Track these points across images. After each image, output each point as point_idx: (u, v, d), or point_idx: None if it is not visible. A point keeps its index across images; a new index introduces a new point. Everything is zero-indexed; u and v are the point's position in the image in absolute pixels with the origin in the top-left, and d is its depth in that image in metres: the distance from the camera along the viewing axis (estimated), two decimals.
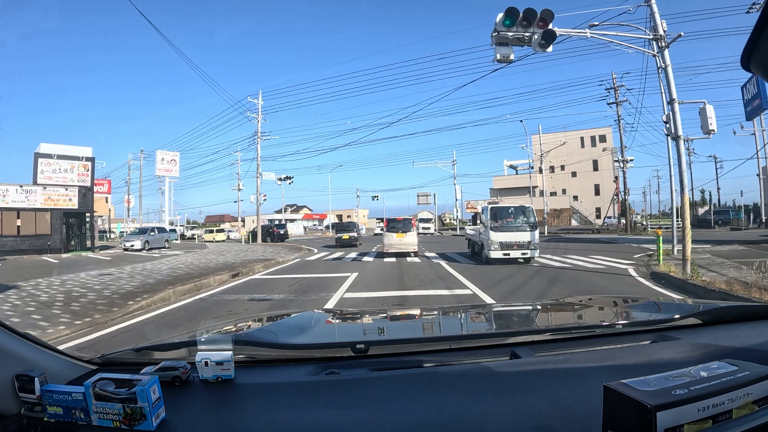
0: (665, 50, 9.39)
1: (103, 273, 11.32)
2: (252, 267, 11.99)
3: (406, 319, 2.00)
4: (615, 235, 28.54)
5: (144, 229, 26.77)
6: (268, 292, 8.07)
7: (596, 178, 55.20)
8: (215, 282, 9.43)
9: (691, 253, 8.92)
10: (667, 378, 0.67)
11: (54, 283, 9.36)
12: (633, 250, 15.24)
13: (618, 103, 31.69)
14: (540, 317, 1.92)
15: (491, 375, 0.98)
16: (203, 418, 0.86)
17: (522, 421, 0.77)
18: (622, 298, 3.11)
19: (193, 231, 50.83)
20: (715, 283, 7.38)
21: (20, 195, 21.65)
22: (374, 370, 1.05)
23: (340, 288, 8.26)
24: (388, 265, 12.40)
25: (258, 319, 1.87)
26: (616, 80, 32.06)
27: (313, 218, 76.29)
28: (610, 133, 55.86)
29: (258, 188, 30.65)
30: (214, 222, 70.44)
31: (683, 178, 9.02)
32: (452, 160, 42.41)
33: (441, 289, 7.96)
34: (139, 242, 23.20)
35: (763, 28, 0.56)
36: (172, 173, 37.80)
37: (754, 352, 1.01)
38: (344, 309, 4.71)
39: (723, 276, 8.13)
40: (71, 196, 22.90)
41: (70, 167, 23.09)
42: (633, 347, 1.14)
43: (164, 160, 37.49)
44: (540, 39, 7.80)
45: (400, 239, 15.83)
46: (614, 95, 31.76)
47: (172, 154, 37.79)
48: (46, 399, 0.82)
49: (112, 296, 7.41)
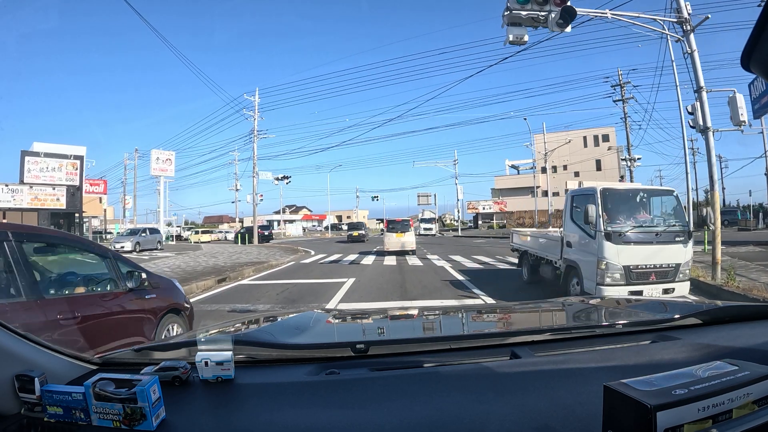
0: (690, 34, 8.58)
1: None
2: (242, 271, 11.19)
3: (406, 319, 2.00)
4: None
5: (135, 230, 25.98)
6: (254, 302, 7.48)
7: (599, 178, 54.50)
8: (198, 288, 8.65)
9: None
10: (667, 378, 0.66)
11: None
12: None
13: (624, 101, 30.86)
14: (540, 317, 1.93)
15: (491, 375, 0.97)
16: (203, 418, 0.86)
17: (522, 422, 0.77)
18: (622, 298, 3.00)
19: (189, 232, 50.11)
20: (753, 290, 6.55)
21: (6, 194, 20.77)
22: (374, 370, 1.04)
23: (334, 297, 7.75)
24: (388, 270, 11.57)
25: (258, 320, 1.86)
26: (623, 77, 31.24)
27: (312, 219, 75.46)
28: (614, 133, 55.16)
29: (254, 188, 29.79)
30: (213, 223, 69.74)
31: (713, 173, 8.20)
32: (454, 160, 41.51)
33: (449, 299, 7.34)
34: (129, 244, 22.40)
35: (763, 28, 0.56)
36: (168, 173, 36.95)
37: (754, 352, 1.00)
38: (344, 309, 4.44)
39: (753, 281, 7.36)
40: (59, 196, 22.00)
41: (59, 166, 22.23)
42: (633, 347, 1.14)
43: (159, 159, 36.65)
44: (558, 17, 6.99)
45: (400, 239, 16.71)
46: (620, 92, 30.94)
47: (168, 153, 36.90)
48: (46, 399, 0.82)
49: None
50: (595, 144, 56.64)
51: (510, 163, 58.56)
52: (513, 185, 56.95)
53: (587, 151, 54.40)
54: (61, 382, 0.92)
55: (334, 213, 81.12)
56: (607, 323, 1.40)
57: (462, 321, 1.83)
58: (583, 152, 53.76)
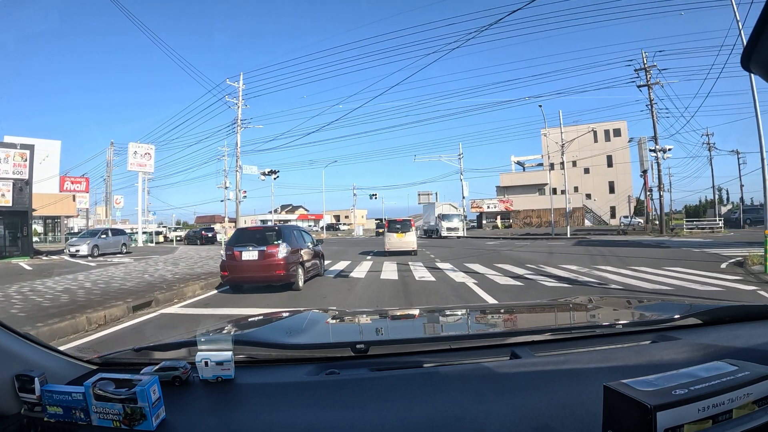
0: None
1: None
2: (183, 290, 8.12)
3: (406, 319, 2.00)
4: (648, 236, 24.83)
5: (94, 230, 22.37)
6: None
7: (611, 175, 51.82)
8: (94, 323, 5.60)
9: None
10: (667, 378, 0.66)
11: None
12: (707, 257, 12.32)
13: (649, 86, 27.82)
14: (540, 317, 1.92)
15: (491, 375, 0.97)
16: (203, 418, 0.86)
17: (522, 422, 0.77)
18: (622, 298, 3.10)
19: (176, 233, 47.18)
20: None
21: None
22: (374, 370, 1.04)
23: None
24: (388, 289, 8.23)
25: (258, 320, 1.86)
26: (647, 59, 28.20)
27: (309, 218, 72.49)
28: (625, 127, 52.42)
29: (237, 183, 26.67)
30: (206, 222, 66.77)
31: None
32: (458, 154, 38.14)
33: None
34: (85, 247, 19.26)
35: (763, 28, 0.55)
36: (147, 168, 33.97)
37: (754, 352, 1.00)
38: (344, 309, 4.14)
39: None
40: (4, 192, 19.05)
41: (5, 156, 19.25)
42: (633, 347, 1.14)
43: (137, 153, 33.68)
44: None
45: (400, 239, 16.43)
46: (645, 76, 27.90)
47: (147, 147, 33.96)
48: (46, 399, 0.82)
49: None
50: (606, 139, 53.83)
51: (516, 159, 55.63)
52: (520, 182, 54.11)
53: (598, 147, 51.56)
54: (61, 382, 0.92)
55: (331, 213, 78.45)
56: (607, 323, 1.37)
57: (462, 321, 1.86)
58: (594, 147, 50.92)
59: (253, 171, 28.95)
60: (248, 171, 27.92)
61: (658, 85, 28.24)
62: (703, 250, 14.40)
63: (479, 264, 12.06)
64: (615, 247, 16.98)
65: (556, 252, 16.26)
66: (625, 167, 49.44)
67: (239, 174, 25.97)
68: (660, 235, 25.48)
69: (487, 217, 52.00)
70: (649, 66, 28.47)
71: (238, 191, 26.46)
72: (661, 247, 16.62)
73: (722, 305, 1.47)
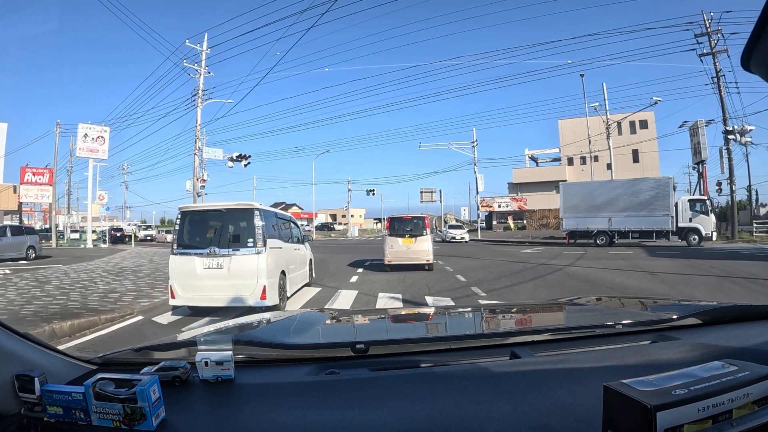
0: None
1: None
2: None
3: (405, 319, 2.00)
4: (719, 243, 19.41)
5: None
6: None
7: (636, 171, 46.31)
8: None
9: None
10: (667, 378, 0.66)
11: None
12: None
13: (714, 54, 22.41)
14: (540, 317, 1.91)
15: (491, 375, 0.97)
16: (203, 418, 0.86)
17: (522, 421, 0.77)
18: (622, 298, 3.07)
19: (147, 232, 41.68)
20: None
21: None
22: (374, 370, 1.04)
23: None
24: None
25: (258, 320, 1.85)
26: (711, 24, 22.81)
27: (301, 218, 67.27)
28: (653, 119, 46.85)
29: (195, 170, 21.01)
30: None
31: None
32: (472, 141, 32.45)
33: None
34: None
35: (763, 28, 0.55)
36: (99, 154, 28.45)
37: (754, 352, 1.00)
38: (344, 309, 4.26)
39: None
40: None
41: None
42: (633, 347, 1.13)
43: (88, 137, 28.16)
44: None
45: (408, 246, 10.87)
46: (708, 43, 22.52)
47: (100, 128, 28.36)
48: (46, 399, 0.82)
49: None
50: (631, 131, 48.24)
51: (530, 153, 50.22)
52: (535, 179, 48.51)
53: (622, 139, 45.95)
54: (61, 382, 0.92)
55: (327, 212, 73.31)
56: (607, 323, 1.36)
57: (462, 321, 1.86)
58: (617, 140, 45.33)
59: (218, 155, 22.70)
60: (211, 155, 22.02)
61: (725, 54, 22.77)
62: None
63: (543, 288, 6.79)
64: (706, 260, 11.98)
65: (646, 269, 10.47)
66: (653, 163, 44.00)
67: (198, 159, 20.49)
68: (732, 240, 20.18)
69: (498, 217, 46.64)
70: (712, 30, 23.01)
71: (196, 179, 20.81)
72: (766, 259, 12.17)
73: (722, 305, 1.45)
